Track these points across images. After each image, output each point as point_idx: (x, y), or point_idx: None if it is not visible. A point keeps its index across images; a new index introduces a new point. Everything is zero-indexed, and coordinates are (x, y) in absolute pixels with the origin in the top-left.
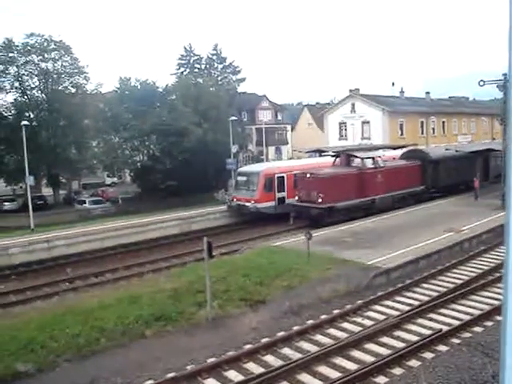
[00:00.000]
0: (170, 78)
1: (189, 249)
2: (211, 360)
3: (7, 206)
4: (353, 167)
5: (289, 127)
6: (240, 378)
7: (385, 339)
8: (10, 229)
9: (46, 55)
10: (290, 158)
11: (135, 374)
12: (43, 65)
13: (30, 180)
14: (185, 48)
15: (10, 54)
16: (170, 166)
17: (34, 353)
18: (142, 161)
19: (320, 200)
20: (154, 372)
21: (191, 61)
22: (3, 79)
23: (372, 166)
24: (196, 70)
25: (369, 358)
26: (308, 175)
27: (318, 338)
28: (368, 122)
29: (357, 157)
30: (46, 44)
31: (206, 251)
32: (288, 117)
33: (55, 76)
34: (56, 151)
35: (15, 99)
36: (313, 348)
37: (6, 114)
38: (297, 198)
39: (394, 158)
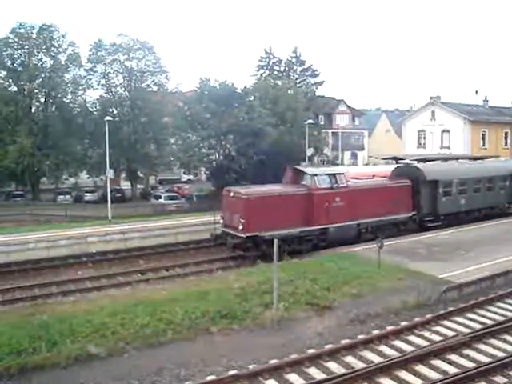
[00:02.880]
0: (249, 79)
1: None
2: (273, 361)
3: (88, 196)
4: (301, 186)
5: (366, 133)
6: (301, 382)
7: (453, 357)
8: (90, 219)
9: (131, 54)
10: (366, 164)
11: (198, 368)
12: (128, 63)
13: (110, 173)
14: (265, 50)
15: (99, 53)
16: (245, 166)
17: (106, 338)
18: (218, 160)
19: (241, 227)
20: (216, 368)
21: (270, 63)
22: (91, 76)
23: (326, 186)
24: (275, 72)
25: (434, 375)
26: (232, 194)
27: (383, 348)
28: (448, 131)
29: (306, 173)
30: (131, 44)
31: (275, 253)
32: (365, 122)
33: (138, 74)
34: (136, 147)
35: (101, 96)
36: (377, 359)
37: (91, 110)
38: (221, 220)
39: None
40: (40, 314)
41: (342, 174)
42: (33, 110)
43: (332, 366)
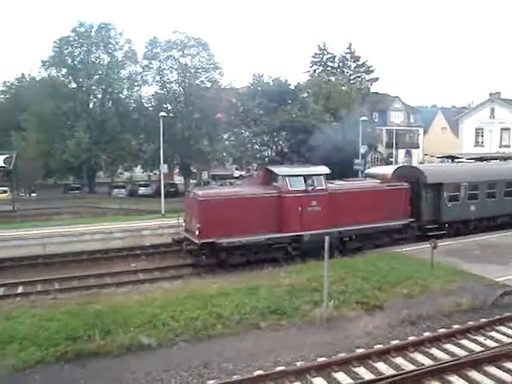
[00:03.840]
0: (302, 75)
1: None
2: (321, 359)
3: (142, 190)
4: (272, 188)
5: (421, 130)
6: (349, 381)
7: (509, 365)
8: (143, 212)
9: (185, 51)
10: (421, 163)
11: (246, 363)
12: (182, 60)
13: (163, 168)
14: (319, 46)
15: (154, 50)
16: (298, 162)
17: (156, 329)
18: (270, 156)
19: (197, 232)
20: (264, 363)
21: (324, 59)
22: (147, 73)
23: (300, 188)
24: (329, 69)
25: (489, 383)
26: (191, 195)
27: (434, 351)
28: (508, 129)
29: (277, 174)
30: (186, 41)
31: (326, 250)
32: (420, 119)
33: (192, 71)
34: (189, 142)
35: (156, 92)
36: (427, 361)
37: (146, 106)
38: (183, 224)
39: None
40: (94, 303)
41: (322, 175)
42: (90, 105)
43: (381, 366)
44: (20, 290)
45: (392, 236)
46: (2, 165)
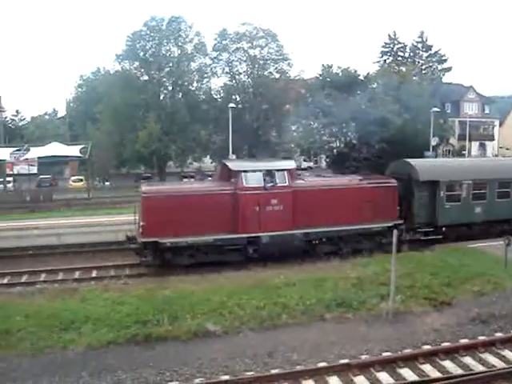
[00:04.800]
0: (371, 66)
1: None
2: (386, 354)
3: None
4: (227, 184)
5: (496, 122)
6: (414, 378)
7: None
8: None
9: (254, 42)
10: (496, 156)
11: (310, 354)
12: (251, 51)
13: (232, 157)
14: (389, 36)
15: (224, 42)
16: (366, 154)
17: (223, 316)
18: (339, 147)
19: (141, 230)
20: (328, 355)
21: (395, 49)
22: (216, 65)
23: (257, 185)
24: (399, 59)
25: None
26: (140, 191)
27: (506, 353)
28: None
29: (231, 169)
30: (255, 32)
31: (394, 244)
32: (496, 110)
33: (261, 62)
34: (257, 133)
35: (225, 83)
36: (499, 363)
37: (216, 97)
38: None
39: None
40: (163, 289)
41: (286, 170)
42: (161, 97)
43: (448, 365)
44: (94, 274)
45: (375, 240)
46: (78, 155)
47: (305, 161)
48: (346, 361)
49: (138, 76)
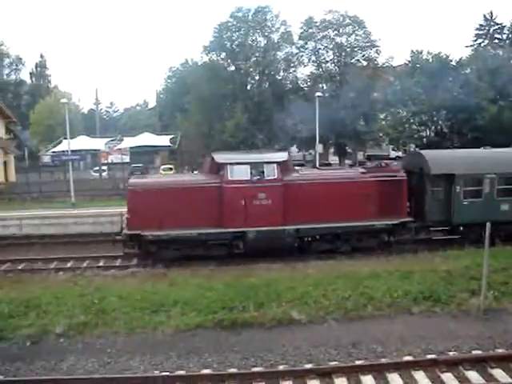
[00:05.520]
0: (464, 50)
1: None
2: (477, 352)
3: None
4: (214, 177)
5: None
6: (508, 380)
7: None
8: None
9: (341, 30)
10: None
11: (395, 347)
12: (338, 39)
13: (319, 148)
14: (484, 17)
15: (310, 30)
16: (458, 144)
17: (307, 305)
18: (429, 136)
19: (126, 222)
20: (414, 349)
21: (491, 30)
22: (302, 53)
23: (243, 178)
24: (496, 41)
25: None
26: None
27: None
28: None
29: (217, 162)
30: (341, 19)
31: (487, 238)
32: None
33: (348, 50)
34: (344, 122)
35: (311, 72)
36: None
37: (302, 86)
38: None
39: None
40: (249, 276)
41: (275, 163)
42: (248, 87)
43: None
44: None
45: (380, 238)
46: (168, 144)
47: (393, 150)
48: (433, 356)
49: (225, 66)
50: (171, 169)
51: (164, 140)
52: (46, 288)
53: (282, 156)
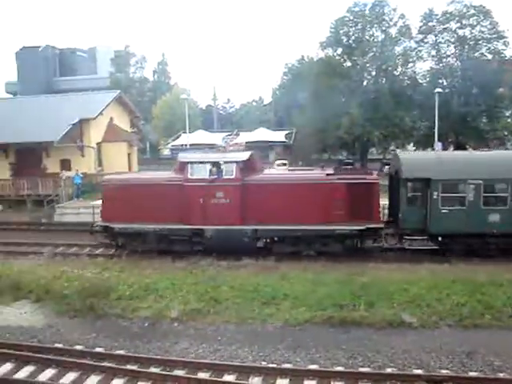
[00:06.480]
0: None
1: None
2: None
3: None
4: (178, 175)
5: None
6: None
7: None
8: None
9: (463, 22)
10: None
11: None
12: (460, 32)
13: (438, 146)
14: None
15: (430, 23)
16: None
17: (420, 309)
18: None
19: (100, 215)
20: None
21: None
22: (421, 48)
23: (202, 177)
24: None
25: None
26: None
27: None
28: None
29: (180, 161)
30: (464, 10)
31: None
32: None
33: (471, 43)
34: (465, 120)
35: (431, 67)
36: None
37: (421, 82)
38: None
39: None
40: (360, 275)
41: (234, 163)
42: (364, 83)
43: None
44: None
45: (347, 243)
46: (283, 140)
47: None
48: None
49: (341, 62)
50: (285, 164)
51: (279, 135)
52: (163, 274)
53: (242, 156)
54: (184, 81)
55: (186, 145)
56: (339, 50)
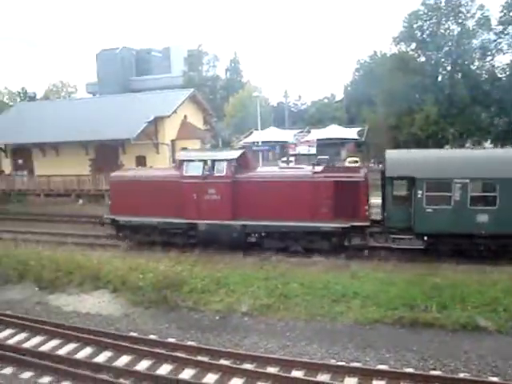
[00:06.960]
0: None
1: None
2: None
3: None
4: (178, 172)
5: None
6: None
7: None
8: None
9: None
10: None
11: None
12: None
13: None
14: None
15: (511, 13)
16: None
17: (496, 313)
18: None
19: (109, 209)
20: None
21: None
22: (501, 40)
23: (195, 174)
24: None
25: None
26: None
27: None
28: None
29: (178, 159)
30: None
31: None
32: None
33: None
34: None
35: (511, 60)
36: None
37: (500, 76)
38: None
39: None
40: (433, 275)
41: (225, 160)
42: (439, 78)
43: None
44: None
45: (333, 241)
46: (355, 137)
47: None
48: None
49: (414, 57)
50: (357, 161)
51: (351, 132)
52: (234, 269)
53: (233, 154)
54: (256, 78)
55: (257, 142)
56: (413, 45)
